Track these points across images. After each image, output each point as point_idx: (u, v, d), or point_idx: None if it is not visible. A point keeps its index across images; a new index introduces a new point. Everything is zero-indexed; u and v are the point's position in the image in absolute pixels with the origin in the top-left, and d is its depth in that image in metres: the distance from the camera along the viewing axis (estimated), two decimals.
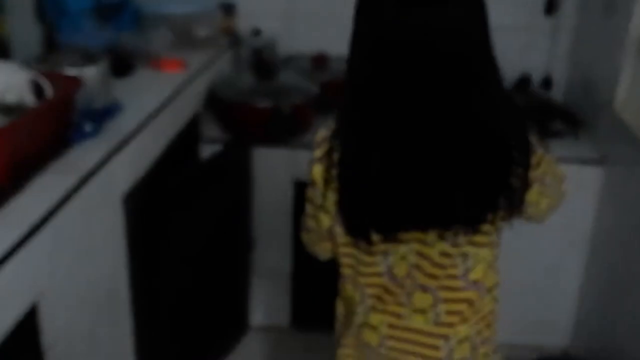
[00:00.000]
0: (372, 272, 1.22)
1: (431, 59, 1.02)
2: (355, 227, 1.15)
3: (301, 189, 2.27)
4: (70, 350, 1.31)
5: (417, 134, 1.05)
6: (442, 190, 1.08)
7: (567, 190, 1.71)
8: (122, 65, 2.04)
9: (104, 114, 1.56)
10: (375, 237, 1.14)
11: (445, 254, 1.18)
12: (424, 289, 1.20)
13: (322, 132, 1.18)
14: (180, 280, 1.87)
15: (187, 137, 2.10)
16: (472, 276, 1.21)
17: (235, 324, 2.33)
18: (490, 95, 1.07)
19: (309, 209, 1.25)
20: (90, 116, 1.49)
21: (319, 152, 1.17)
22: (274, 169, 2.24)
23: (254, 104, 2.15)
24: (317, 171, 1.17)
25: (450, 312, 1.21)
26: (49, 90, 1.41)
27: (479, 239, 1.18)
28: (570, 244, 2.29)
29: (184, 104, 2.02)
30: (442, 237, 1.15)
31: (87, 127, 1.46)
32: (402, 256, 1.19)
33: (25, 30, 1.82)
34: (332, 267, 2.38)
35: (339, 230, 1.19)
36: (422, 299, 1.21)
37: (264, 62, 2.54)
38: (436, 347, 1.23)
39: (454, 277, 1.19)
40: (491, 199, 1.10)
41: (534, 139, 1.15)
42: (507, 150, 1.09)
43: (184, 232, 1.85)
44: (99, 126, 1.51)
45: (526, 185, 1.14)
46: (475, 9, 1.05)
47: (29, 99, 1.39)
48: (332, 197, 1.15)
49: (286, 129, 2.17)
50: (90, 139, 1.47)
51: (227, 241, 2.13)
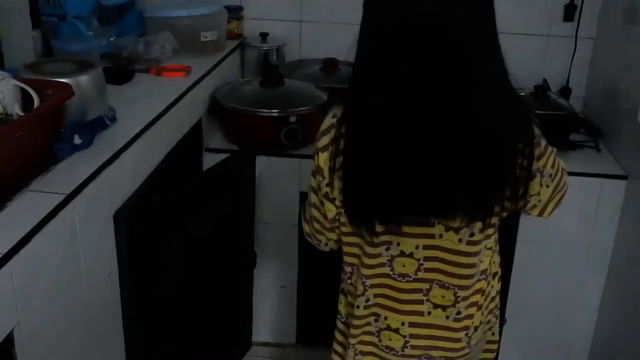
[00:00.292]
0: (375, 264, 1.22)
1: (437, 47, 1.03)
2: (358, 215, 1.15)
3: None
4: None
5: (420, 121, 1.05)
6: (442, 177, 1.08)
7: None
8: (121, 71, 1.96)
9: (96, 125, 1.47)
10: (378, 227, 1.15)
11: (462, 253, 1.20)
12: (443, 286, 1.22)
13: (327, 120, 1.17)
14: (178, 298, 1.78)
15: (189, 146, 2.02)
16: (481, 267, 1.25)
17: (237, 341, 2.24)
18: (493, 86, 1.07)
19: (312, 198, 1.23)
20: (81, 127, 1.41)
21: (324, 140, 1.16)
22: (280, 180, 2.14)
23: (260, 113, 2.06)
24: (323, 159, 1.16)
25: (468, 306, 1.25)
26: (36, 99, 1.32)
27: (487, 231, 1.21)
28: (589, 261, 2.18)
29: (186, 112, 1.94)
30: (447, 230, 1.17)
31: (77, 139, 1.37)
32: (407, 253, 1.19)
33: (20, 35, 1.73)
34: (339, 281, 2.30)
35: (344, 219, 1.20)
36: (441, 296, 1.23)
37: (271, 67, 2.45)
38: (458, 340, 1.26)
39: (470, 272, 1.22)
40: (495, 189, 1.12)
41: (537, 131, 1.16)
42: (512, 141, 1.10)
43: (182, 249, 1.76)
44: (90, 138, 1.42)
45: (529, 176, 1.15)
46: (483, 1, 1.06)
47: (15, 109, 1.31)
48: (337, 186, 1.15)
49: (293, 138, 2.07)
50: (80, 152, 1.39)
51: (228, 256, 2.04)
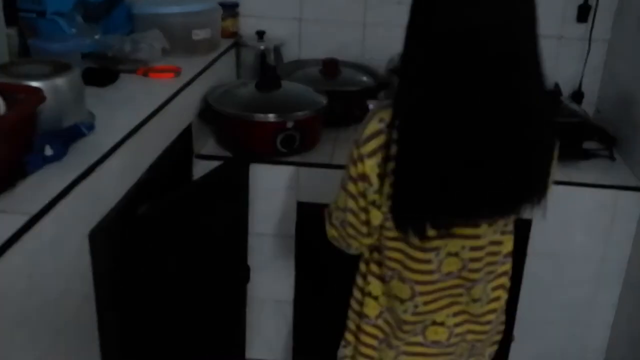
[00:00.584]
0: (423, 270, 1.22)
1: (484, 51, 1.03)
2: (409, 221, 1.14)
3: (305, 211, 2.09)
4: None
5: (476, 125, 1.06)
6: (494, 179, 1.10)
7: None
8: (105, 72, 1.83)
9: (71, 134, 1.34)
10: (430, 231, 1.15)
11: (495, 243, 1.25)
12: (481, 282, 1.27)
13: (374, 125, 1.14)
14: (165, 318, 1.65)
15: (178, 153, 1.89)
16: (505, 250, 1.30)
17: (230, 359, 2.11)
18: (534, 92, 1.09)
19: (350, 204, 1.21)
20: (53, 137, 1.28)
21: (371, 145, 1.14)
22: (276, 189, 2.01)
23: (255, 118, 1.92)
24: (370, 165, 1.14)
25: (495, 288, 1.31)
26: (2, 106, 1.19)
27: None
28: (603, 277, 2.06)
29: (174, 116, 1.80)
30: (491, 226, 1.21)
31: (49, 151, 1.24)
32: (453, 252, 1.21)
33: None
34: (336, 295, 2.18)
35: (389, 224, 1.18)
36: (479, 290, 1.28)
37: (267, 68, 2.32)
38: (489, 322, 1.33)
39: (500, 258, 1.29)
40: (535, 188, 1.15)
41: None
42: (550, 145, 1.16)
43: (169, 266, 1.63)
44: (64, 149, 1.29)
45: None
46: (527, 6, 1.07)
47: None
48: (387, 192, 1.14)
49: (290, 145, 1.94)
50: (51, 164, 1.26)
51: (219, 271, 1.91)
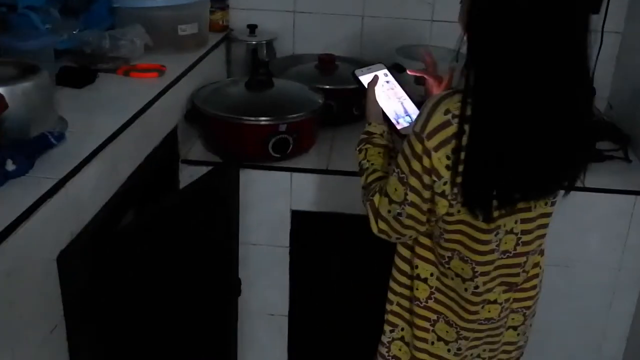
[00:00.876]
0: (485, 250, 1.24)
1: (555, 34, 1.07)
2: (481, 204, 1.17)
3: (300, 219, 1.96)
4: None
5: (543, 107, 1.10)
6: (560, 158, 1.17)
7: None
8: (82, 72, 1.69)
9: (37, 145, 1.20)
10: (495, 212, 1.18)
11: (545, 215, 1.30)
12: (532, 254, 1.32)
13: (439, 117, 1.13)
14: (149, 338, 1.52)
15: (162, 158, 1.75)
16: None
17: None
18: (588, 69, 1.14)
19: (412, 198, 1.21)
20: (16, 149, 1.14)
21: (438, 138, 1.13)
22: (268, 196, 1.87)
23: (244, 121, 1.78)
24: (439, 158, 1.14)
25: (535, 265, 1.36)
26: None
27: None
28: (618, 287, 1.94)
29: (158, 120, 1.66)
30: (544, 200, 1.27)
31: (10, 165, 1.10)
32: (509, 230, 1.25)
33: None
34: (334, 308, 2.05)
35: (452, 210, 1.20)
36: (530, 263, 1.33)
37: (259, 64, 2.18)
38: (532, 298, 1.39)
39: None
40: (584, 165, 1.25)
41: None
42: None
43: (152, 282, 1.50)
44: (29, 162, 1.15)
45: None
46: None
47: None
48: (455, 181, 1.15)
49: (283, 149, 1.80)
50: (14, 180, 1.12)
51: (209, 285, 1.78)
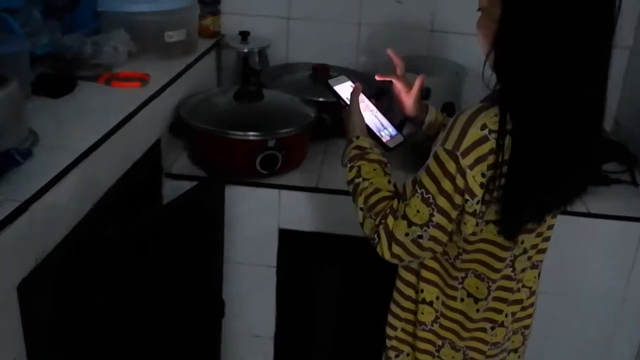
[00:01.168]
0: (502, 267, 1.24)
1: (588, 43, 1.06)
2: (517, 221, 1.16)
3: (288, 238, 1.86)
4: None
5: (580, 120, 1.10)
6: (587, 172, 1.20)
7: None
8: (60, 80, 1.59)
9: (1, 163, 1.11)
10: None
11: (551, 227, 1.31)
12: (533, 266, 1.33)
13: (475, 133, 1.08)
14: None
15: (145, 172, 1.65)
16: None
17: None
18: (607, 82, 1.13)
19: (439, 219, 1.14)
20: None
21: (473, 155, 1.09)
22: (255, 214, 1.78)
23: (231, 135, 1.68)
24: (473, 176, 1.10)
25: (532, 280, 1.35)
26: None
27: None
28: (622, 319, 1.84)
29: (139, 132, 1.57)
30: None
31: None
32: (524, 249, 1.25)
33: None
34: (321, 330, 1.97)
35: (478, 229, 1.18)
36: (533, 277, 1.34)
37: (250, 73, 2.10)
38: (530, 316, 1.39)
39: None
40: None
41: None
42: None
43: (129, 306, 1.40)
44: None
45: None
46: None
47: None
48: (490, 199, 1.13)
49: (271, 166, 1.71)
50: None
51: (190, 307, 1.68)
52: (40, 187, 1.13)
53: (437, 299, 1.29)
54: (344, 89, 1.43)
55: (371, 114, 1.41)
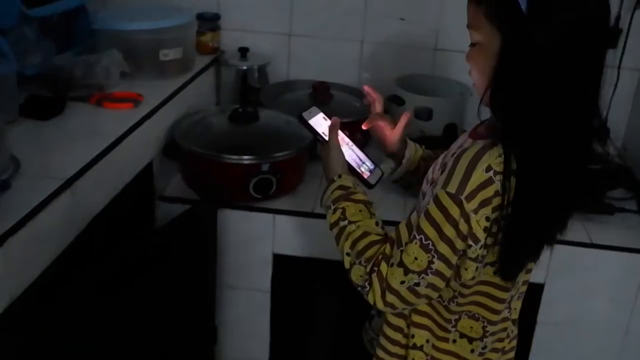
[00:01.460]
0: (502, 308, 1.21)
1: (585, 72, 1.02)
2: (519, 260, 1.14)
3: (282, 264, 1.82)
4: None
5: (581, 153, 1.09)
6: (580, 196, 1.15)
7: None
8: (49, 102, 1.56)
9: None
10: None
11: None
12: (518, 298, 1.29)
13: (480, 175, 1.03)
14: None
15: (135, 196, 1.62)
16: None
17: None
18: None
19: (439, 266, 1.08)
20: None
21: (478, 200, 1.04)
22: (249, 238, 1.74)
23: (224, 159, 1.63)
24: (477, 221, 1.05)
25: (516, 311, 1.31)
26: None
27: None
28: (625, 352, 1.79)
29: (130, 155, 1.53)
30: None
31: None
32: (517, 288, 1.24)
33: None
34: (316, 356, 1.93)
35: (477, 272, 1.14)
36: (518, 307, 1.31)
37: (250, 91, 2.06)
38: (514, 349, 1.34)
39: None
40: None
41: None
42: None
43: (114, 335, 1.36)
44: None
45: None
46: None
47: None
48: (491, 243, 1.09)
49: (265, 190, 1.67)
50: None
51: (181, 334, 1.64)
52: (15, 221, 1.09)
53: (427, 342, 1.24)
54: (319, 123, 1.34)
55: (348, 148, 1.33)
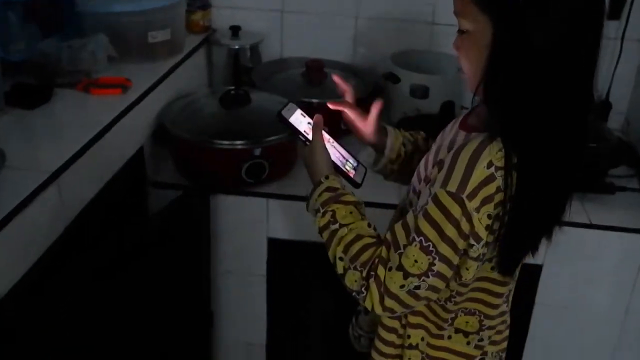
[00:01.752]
0: (500, 303, 1.20)
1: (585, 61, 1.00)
2: (520, 255, 1.13)
3: (278, 247, 1.80)
4: None
5: (581, 148, 1.07)
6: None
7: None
8: (36, 90, 1.52)
9: None
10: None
11: None
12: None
13: (482, 172, 1.00)
14: None
15: (127, 182, 1.59)
16: None
17: None
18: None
19: (441, 268, 1.04)
20: None
21: (480, 197, 1.00)
22: (243, 223, 1.72)
23: (215, 145, 1.61)
24: (479, 219, 1.01)
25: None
26: None
27: None
28: (624, 335, 1.79)
29: (120, 142, 1.50)
30: None
31: None
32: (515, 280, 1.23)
33: None
34: (314, 337, 1.92)
35: (478, 267, 1.10)
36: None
37: (242, 71, 2.02)
38: (507, 338, 1.32)
39: None
40: None
41: None
42: None
43: (111, 322, 1.35)
44: None
45: None
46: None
47: None
48: (491, 240, 1.06)
49: (257, 175, 1.64)
50: None
51: (177, 319, 1.63)
52: (4, 215, 1.07)
53: (422, 340, 1.22)
54: (299, 121, 1.26)
55: (330, 146, 1.25)
